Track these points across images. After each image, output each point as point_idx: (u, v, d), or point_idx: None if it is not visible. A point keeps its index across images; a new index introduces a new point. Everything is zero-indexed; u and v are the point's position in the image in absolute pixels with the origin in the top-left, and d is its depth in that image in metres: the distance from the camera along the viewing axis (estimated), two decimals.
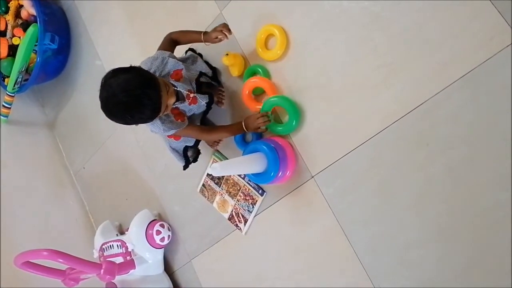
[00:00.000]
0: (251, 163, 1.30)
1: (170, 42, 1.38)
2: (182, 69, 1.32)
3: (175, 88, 1.27)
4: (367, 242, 1.24)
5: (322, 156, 1.31)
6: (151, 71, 1.27)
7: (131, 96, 1.11)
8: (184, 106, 1.32)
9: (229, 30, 1.34)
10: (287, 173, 1.33)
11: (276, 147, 1.31)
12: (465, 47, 1.04)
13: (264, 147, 1.29)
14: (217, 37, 1.34)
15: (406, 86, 1.14)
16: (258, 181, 1.37)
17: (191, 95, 1.31)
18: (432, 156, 1.11)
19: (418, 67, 1.12)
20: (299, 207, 1.38)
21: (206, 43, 1.36)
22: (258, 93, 1.44)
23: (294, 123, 1.34)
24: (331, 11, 1.26)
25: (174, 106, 1.29)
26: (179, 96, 1.31)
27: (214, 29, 1.35)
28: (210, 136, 1.45)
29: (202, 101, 1.35)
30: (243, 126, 1.37)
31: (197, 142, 1.44)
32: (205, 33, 1.36)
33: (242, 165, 1.32)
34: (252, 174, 1.34)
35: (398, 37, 1.14)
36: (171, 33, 1.40)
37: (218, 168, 1.19)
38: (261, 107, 1.39)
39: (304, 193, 1.36)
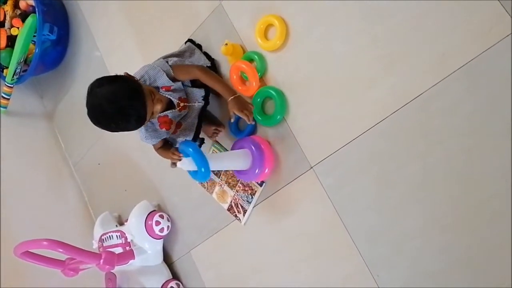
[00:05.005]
0: (234, 159, 1.33)
1: (190, 74, 1.34)
2: (172, 85, 1.30)
3: (167, 96, 1.27)
4: (366, 232, 1.25)
5: (321, 146, 1.31)
6: (142, 79, 1.26)
7: (116, 107, 1.14)
8: (174, 113, 1.32)
9: (250, 119, 1.31)
10: (266, 171, 1.38)
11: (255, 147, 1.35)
12: (464, 38, 1.04)
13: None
14: (241, 112, 1.30)
15: (404, 77, 1.14)
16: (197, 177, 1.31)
17: (181, 103, 1.31)
18: (430, 146, 1.11)
19: (417, 58, 1.12)
20: (298, 198, 1.38)
21: (230, 109, 1.32)
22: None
23: (278, 118, 1.36)
24: (331, 2, 1.26)
25: (163, 114, 1.30)
26: (170, 103, 1.31)
27: (245, 106, 1.31)
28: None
29: (198, 95, 1.36)
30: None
31: (196, 134, 1.43)
32: (236, 97, 1.31)
33: (221, 161, 1.35)
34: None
35: (397, 28, 1.14)
36: (200, 68, 1.36)
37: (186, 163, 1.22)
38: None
39: (303, 183, 1.36)
